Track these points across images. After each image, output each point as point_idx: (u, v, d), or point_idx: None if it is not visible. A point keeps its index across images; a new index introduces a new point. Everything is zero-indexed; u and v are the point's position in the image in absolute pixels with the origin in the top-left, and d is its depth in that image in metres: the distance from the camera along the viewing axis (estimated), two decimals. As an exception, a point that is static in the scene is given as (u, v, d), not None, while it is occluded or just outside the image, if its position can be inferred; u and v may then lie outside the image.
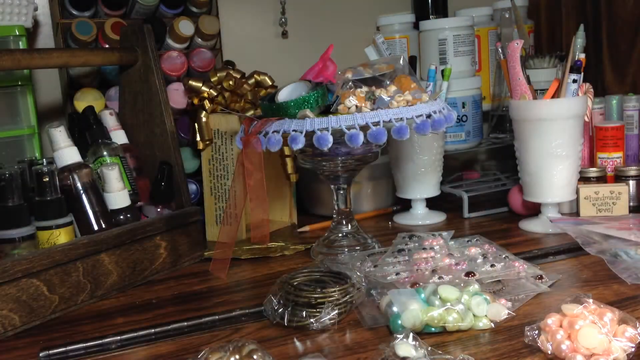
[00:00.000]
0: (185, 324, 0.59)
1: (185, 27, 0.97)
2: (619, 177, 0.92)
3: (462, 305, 0.54)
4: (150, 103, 0.83)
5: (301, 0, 1.18)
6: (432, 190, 0.96)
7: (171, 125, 0.82)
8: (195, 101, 0.90)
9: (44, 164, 0.70)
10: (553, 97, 0.83)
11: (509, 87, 0.86)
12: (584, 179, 0.90)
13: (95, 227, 0.70)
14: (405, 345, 0.47)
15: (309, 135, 0.65)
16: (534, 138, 0.83)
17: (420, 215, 0.96)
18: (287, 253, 0.83)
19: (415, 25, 1.12)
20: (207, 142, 0.90)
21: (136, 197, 0.78)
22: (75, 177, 0.70)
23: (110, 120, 0.83)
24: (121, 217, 0.73)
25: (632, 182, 0.92)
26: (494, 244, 0.72)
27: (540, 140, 0.83)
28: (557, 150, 0.82)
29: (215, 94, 0.90)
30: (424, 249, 0.69)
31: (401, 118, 0.66)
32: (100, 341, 0.56)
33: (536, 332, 0.49)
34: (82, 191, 0.70)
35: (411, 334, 0.48)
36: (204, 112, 0.89)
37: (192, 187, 0.97)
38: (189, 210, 0.82)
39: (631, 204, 0.90)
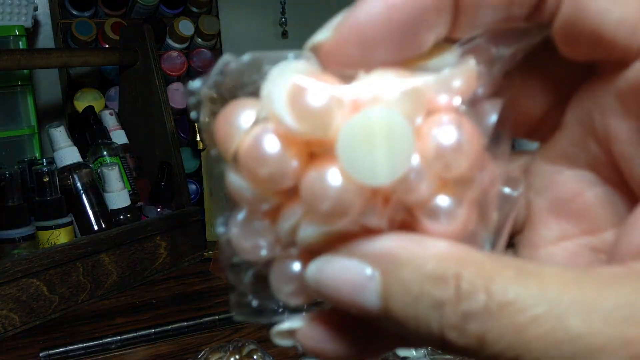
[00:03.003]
0: (185, 324, 0.59)
1: (185, 27, 0.97)
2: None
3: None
4: (150, 103, 0.83)
5: (301, 0, 1.18)
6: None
7: (171, 125, 0.82)
8: (195, 101, 0.90)
9: (44, 164, 0.70)
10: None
11: (509, 87, 0.86)
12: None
13: (95, 227, 0.70)
14: (405, 345, 0.47)
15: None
16: (534, 138, 0.83)
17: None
18: (287, 253, 0.83)
19: (415, 25, 1.12)
20: (207, 142, 0.90)
21: (136, 197, 0.78)
22: (75, 177, 0.70)
23: (110, 120, 0.83)
24: (121, 217, 0.73)
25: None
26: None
27: (540, 140, 0.83)
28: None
29: (215, 94, 0.90)
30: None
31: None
32: (100, 341, 0.56)
33: None
34: (82, 191, 0.70)
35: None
36: (204, 112, 0.89)
37: (192, 187, 0.97)
38: (189, 210, 0.82)
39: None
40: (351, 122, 0.14)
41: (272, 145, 0.15)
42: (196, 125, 0.89)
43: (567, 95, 0.18)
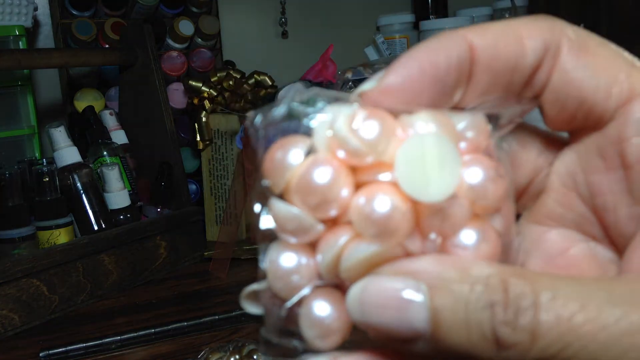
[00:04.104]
0: (185, 324, 0.59)
1: (185, 27, 0.97)
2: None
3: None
4: (150, 103, 0.83)
5: (301, 0, 1.18)
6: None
7: (171, 125, 0.82)
8: (195, 101, 0.90)
9: (44, 164, 0.70)
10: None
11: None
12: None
13: (95, 227, 0.70)
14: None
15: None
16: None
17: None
18: (287, 253, 0.83)
19: (415, 25, 1.12)
20: (207, 142, 0.90)
21: (136, 197, 0.78)
22: (75, 177, 0.70)
23: (110, 120, 0.83)
24: (121, 217, 0.73)
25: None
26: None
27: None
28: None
29: (215, 94, 0.90)
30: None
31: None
32: (100, 341, 0.56)
33: None
34: (82, 191, 0.70)
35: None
36: (204, 112, 0.89)
37: (192, 187, 0.97)
38: (189, 210, 0.82)
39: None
40: (407, 144, 0.16)
41: (325, 173, 0.16)
42: (196, 125, 0.89)
43: (549, 163, 0.20)
